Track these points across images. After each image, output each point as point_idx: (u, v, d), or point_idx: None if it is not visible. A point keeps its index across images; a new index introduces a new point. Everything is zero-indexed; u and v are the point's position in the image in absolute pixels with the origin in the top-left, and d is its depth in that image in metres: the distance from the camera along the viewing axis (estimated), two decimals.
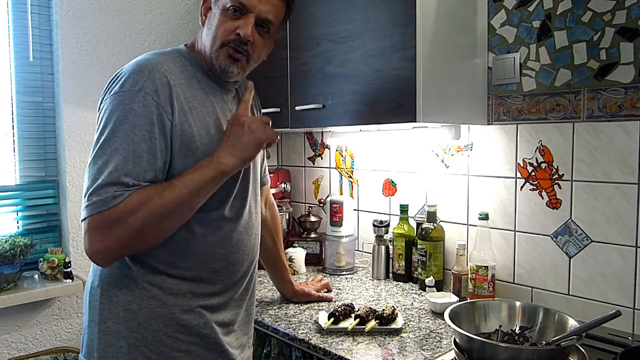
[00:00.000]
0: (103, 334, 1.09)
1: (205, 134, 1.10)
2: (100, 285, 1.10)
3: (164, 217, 1.02)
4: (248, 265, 1.23)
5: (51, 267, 1.88)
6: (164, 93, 1.04)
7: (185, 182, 1.03)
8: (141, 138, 1.01)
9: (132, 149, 1.00)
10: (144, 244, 1.04)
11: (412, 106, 1.42)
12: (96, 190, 0.97)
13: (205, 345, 1.13)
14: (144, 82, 1.03)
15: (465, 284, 1.64)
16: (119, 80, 1.04)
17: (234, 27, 1.10)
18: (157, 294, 1.08)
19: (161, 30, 2.20)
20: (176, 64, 1.11)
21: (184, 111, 1.07)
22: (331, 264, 2.03)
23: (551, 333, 1.17)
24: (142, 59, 1.08)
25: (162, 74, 1.05)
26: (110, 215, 0.97)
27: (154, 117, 1.02)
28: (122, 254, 1.05)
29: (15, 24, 1.88)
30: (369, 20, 1.54)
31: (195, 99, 1.10)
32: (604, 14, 1.42)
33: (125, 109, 1.01)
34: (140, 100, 1.01)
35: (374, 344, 1.33)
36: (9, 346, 1.86)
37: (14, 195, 1.92)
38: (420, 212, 1.93)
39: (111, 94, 1.04)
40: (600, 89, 1.44)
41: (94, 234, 0.98)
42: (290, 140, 2.54)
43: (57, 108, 1.97)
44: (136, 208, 0.98)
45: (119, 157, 0.99)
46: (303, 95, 1.78)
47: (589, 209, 1.48)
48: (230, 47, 1.11)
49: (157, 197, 1.00)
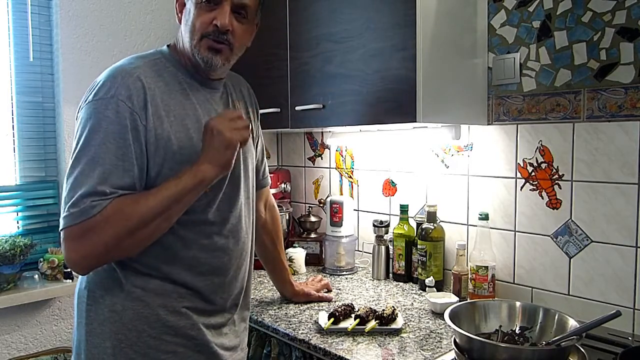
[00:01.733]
0: (89, 335, 1.09)
1: (185, 137, 1.08)
2: (87, 287, 1.10)
3: (141, 226, 1.00)
4: (235, 269, 1.21)
5: (51, 267, 1.88)
6: (137, 98, 1.03)
7: (164, 192, 1.01)
8: (116, 145, 1.00)
9: (107, 157, 0.99)
10: (122, 252, 1.03)
11: (412, 106, 1.42)
12: (74, 202, 0.97)
13: (193, 346, 1.12)
14: (116, 89, 1.02)
15: (465, 284, 1.64)
16: (95, 89, 1.04)
17: (210, 19, 1.07)
18: (142, 296, 1.07)
19: (161, 30, 2.20)
20: (154, 67, 1.10)
21: (159, 115, 1.05)
22: (331, 264, 2.03)
23: (551, 333, 1.17)
24: (117, 65, 1.08)
25: (135, 78, 1.04)
26: (86, 226, 0.96)
27: (127, 123, 1.01)
28: (100, 263, 1.03)
29: (15, 24, 1.88)
30: (369, 20, 1.54)
31: (174, 102, 1.09)
32: (604, 14, 1.42)
33: (98, 117, 1.00)
34: (113, 106, 1.01)
35: (374, 344, 1.33)
36: (9, 346, 1.86)
37: (14, 195, 1.92)
38: (420, 212, 1.93)
39: (86, 103, 1.04)
40: (600, 89, 1.44)
41: (69, 244, 0.98)
42: (290, 140, 2.54)
43: (57, 108, 1.98)
44: (112, 217, 0.97)
45: (94, 166, 0.98)
46: (303, 95, 1.78)
47: (589, 209, 1.48)
48: (210, 39, 1.09)
49: (134, 205, 0.99)
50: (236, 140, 1.06)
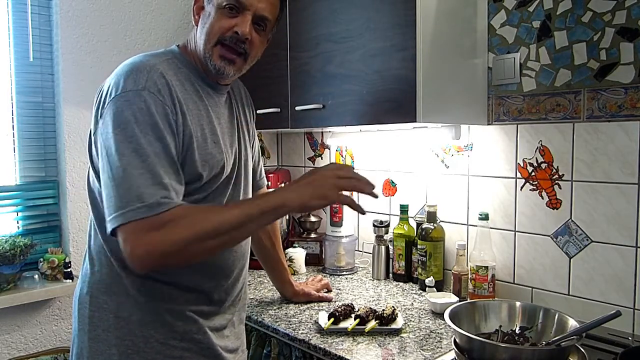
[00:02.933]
0: (93, 342, 1.07)
1: (201, 137, 1.08)
2: (89, 292, 1.09)
3: (212, 235, 0.95)
4: (239, 271, 1.21)
5: (51, 267, 1.88)
6: (165, 92, 1.01)
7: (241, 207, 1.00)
8: (155, 137, 0.97)
9: (153, 149, 0.96)
10: (186, 257, 0.97)
11: (412, 106, 1.42)
12: (139, 195, 0.92)
13: (199, 350, 1.11)
14: (145, 82, 0.99)
15: (465, 284, 1.64)
16: (120, 84, 0.99)
17: (231, 25, 1.07)
18: (148, 300, 1.06)
19: (161, 30, 2.20)
20: (169, 66, 1.08)
21: (183, 112, 1.04)
22: (331, 264, 2.03)
23: (551, 333, 1.17)
24: (136, 61, 1.04)
25: (160, 74, 1.02)
26: (156, 222, 0.92)
27: (162, 115, 0.99)
28: (162, 263, 0.97)
29: (15, 24, 1.88)
30: (369, 20, 1.54)
31: (190, 101, 1.08)
32: (604, 14, 1.42)
33: (132, 109, 0.96)
34: (146, 98, 0.98)
35: (374, 344, 1.33)
36: (9, 346, 1.86)
37: (14, 195, 1.92)
38: (420, 212, 1.93)
39: (112, 98, 0.98)
40: (600, 89, 1.44)
41: (136, 238, 0.91)
42: (290, 140, 2.54)
43: (57, 108, 1.98)
44: (183, 220, 0.93)
45: (142, 159, 0.94)
46: (303, 95, 1.78)
47: (589, 209, 1.48)
48: (225, 45, 1.09)
49: (208, 214, 0.97)
50: (331, 199, 1.03)
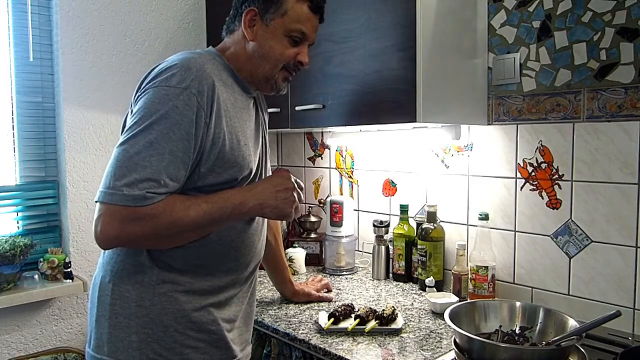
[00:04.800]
0: (114, 328, 1.10)
1: (235, 139, 1.11)
2: (112, 280, 1.11)
3: (182, 231, 1.05)
4: (255, 265, 1.27)
5: (51, 267, 1.88)
6: (207, 94, 1.05)
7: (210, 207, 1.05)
8: (179, 137, 1.01)
9: (169, 147, 1.00)
10: (152, 245, 1.08)
11: (412, 106, 1.42)
12: (128, 183, 0.97)
13: (212, 341, 1.15)
14: (190, 81, 1.04)
15: (465, 284, 1.64)
16: (166, 74, 1.04)
17: (294, 53, 1.20)
18: (170, 291, 1.10)
19: (161, 30, 2.20)
20: (214, 66, 1.13)
21: (220, 114, 1.08)
22: (331, 264, 2.03)
23: (551, 333, 1.17)
24: (188, 57, 1.09)
25: (208, 74, 1.07)
26: (136, 213, 0.97)
27: (194, 118, 1.03)
28: (126, 246, 1.08)
29: (15, 24, 1.88)
30: (369, 20, 1.54)
31: (229, 103, 1.12)
32: (604, 14, 1.42)
33: (168, 105, 1.01)
34: (185, 98, 1.02)
35: (374, 344, 1.33)
36: (9, 346, 1.86)
37: (14, 196, 1.92)
38: (420, 212, 1.93)
39: (156, 86, 1.04)
40: (600, 89, 1.44)
41: (111, 222, 0.98)
42: (290, 140, 2.54)
43: (57, 108, 1.98)
44: (161, 215, 0.99)
45: (153, 152, 0.99)
46: (303, 95, 1.78)
47: (589, 209, 1.48)
48: (289, 70, 1.22)
49: (182, 212, 1.02)
50: (286, 214, 1.14)
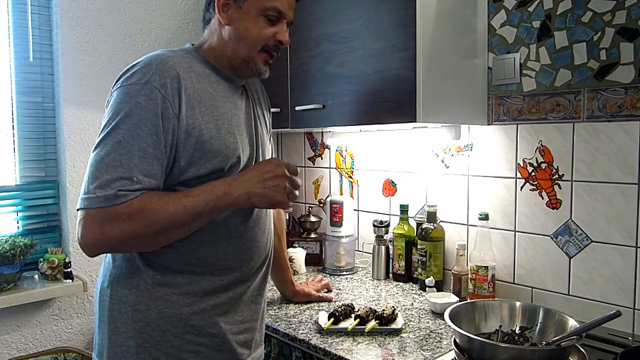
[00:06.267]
0: (112, 334, 1.09)
1: (214, 128, 1.09)
2: (110, 285, 1.10)
3: (164, 229, 1.01)
4: (262, 262, 1.22)
5: (51, 267, 1.88)
6: (171, 85, 1.04)
7: (193, 201, 1.02)
8: (147, 132, 1.00)
9: (137, 143, 0.99)
10: (135, 247, 1.05)
11: (412, 106, 1.42)
12: (100, 184, 0.96)
13: (214, 345, 1.12)
14: (151, 75, 1.03)
15: (465, 284, 1.64)
16: (128, 74, 1.05)
17: (272, 33, 1.15)
18: (166, 294, 1.08)
19: (161, 30, 2.20)
20: (184, 60, 1.11)
21: (192, 104, 1.06)
22: (331, 264, 2.03)
23: (551, 333, 1.17)
24: (152, 54, 1.09)
25: (170, 67, 1.06)
26: (111, 213, 0.96)
27: (159, 110, 1.01)
28: (111, 251, 1.07)
29: (15, 24, 1.88)
30: (369, 20, 1.54)
31: (204, 93, 1.10)
32: (604, 14, 1.42)
33: (131, 102, 1.01)
34: (146, 93, 1.01)
35: (374, 344, 1.33)
36: (9, 346, 1.86)
37: (14, 196, 1.92)
38: (420, 212, 1.93)
39: (118, 87, 1.04)
40: (600, 89, 1.44)
41: (89, 225, 0.97)
42: (290, 140, 2.54)
43: (57, 108, 1.98)
44: (138, 214, 0.97)
45: (122, 151, 0.98)
46: (303, 96, 1.78)
47: (589, 209, 1.48)
48: (268, 51, 1.16)
49: (160, 208, 0.99)
50: (277, 202, 1.08)
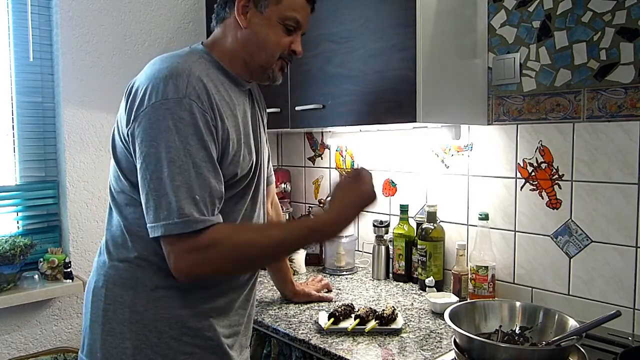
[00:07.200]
0: (107, 334, 1.08)
1: (236, 138, 1.08)
2: (105, 285, 1.09)
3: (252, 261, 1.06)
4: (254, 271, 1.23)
5: (51, 267, 1.88)
6: (204, 98, 1.01)
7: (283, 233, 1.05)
8: (196, 147, 0.98)
9: (191, 160, 0.97)
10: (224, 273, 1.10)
11: (412, 106, 1.42)
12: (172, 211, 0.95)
13: (208, 347, 1.12)
14: (185, 88, 0.99)
15: (465, 284, 1.64)
16: (156, 87, 0.99)
17: (289, 42, 1.16)
18: (164, 296, 1.07)
19: (161, 30, 2.20)
20: (201, 67, 1.07)
21: (220, 115, 1.04)
22: (331, 264, 2.03)
23: (551, 333, 1.17)
24: (172, 64, 1.03)
25: (198, 78, 1.02)
26: (195, 244, 0.97)
27: (202, 124, 0.99)
28: (201, 279, 1.07)
29: (15, 24, 1.88)
30: (369, 20, 1.54)
31: (224, 103, 1.08)
32: (604, 14, 1.42)
33: (174, 118, 0.97)
34: (187, 107, 0.98)
35: (374, 344, 1.33)
36: (9, 346, 1.86)
37: (14, 196, 1.92)
38: (420, 212, 1.93)
39: (151, 104, 0.98)
40: (600, 89, 1.44)
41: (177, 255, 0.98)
42: (290, 140, 2.54)
43: (57, 108, 1.98)
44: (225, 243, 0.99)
45: (179, 170, 0.96)
46: (303, 96, 1.78)
47: (589, 209, 1.48)
48: (284, 60, 1.17)
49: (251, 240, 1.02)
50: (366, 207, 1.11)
